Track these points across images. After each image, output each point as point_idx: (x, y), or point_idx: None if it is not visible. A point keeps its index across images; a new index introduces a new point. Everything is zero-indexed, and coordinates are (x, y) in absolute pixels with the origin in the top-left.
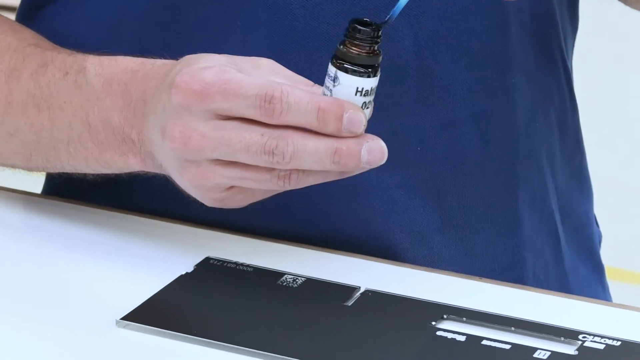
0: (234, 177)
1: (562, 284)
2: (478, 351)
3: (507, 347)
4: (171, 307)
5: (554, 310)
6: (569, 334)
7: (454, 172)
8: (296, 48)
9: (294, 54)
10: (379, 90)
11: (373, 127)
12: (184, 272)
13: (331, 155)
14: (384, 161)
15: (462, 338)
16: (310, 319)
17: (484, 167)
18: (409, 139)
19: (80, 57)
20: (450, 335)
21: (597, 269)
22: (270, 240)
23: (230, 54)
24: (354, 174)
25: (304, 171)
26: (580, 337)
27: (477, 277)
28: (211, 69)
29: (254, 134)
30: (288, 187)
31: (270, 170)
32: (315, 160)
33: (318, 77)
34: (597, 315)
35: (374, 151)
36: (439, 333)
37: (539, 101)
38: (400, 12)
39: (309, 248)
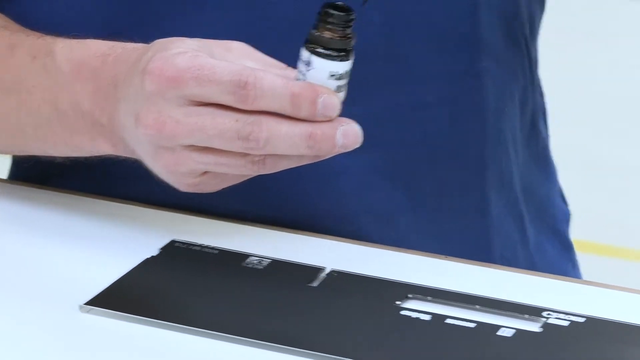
0: (209, 162)
1: (529, 264)
2: (442, 330)
3: (472, 325)
4: (136, 291)
5: (518, 287)
6: (533, 311)
7: (423, 155)
8: (268, 28)
9: (266, 35)
10: (356, 73)
11: (343, 109)
12: (149, 256)
13: (306, 139)
14: (359, 144)
15: (427, 317)
16: (276, 301)
17: (453, 150)
18: (379, 122)
19: (49, 40)
20: (414, 315)
21: (566, 247)
22: (235, 222)
23: (201, 34)
24: (328, 157)
25: (278, 155)
26: (544, 314)
27: (443, 256)
28: (184, 55)
29: (228, 120)
30: (262, 172)
31: (245, 155)
32: (290, 145)
33: (291, 58)
34: (562, 291)
35: (349, 135)
36: (403, 312)
37: (507, 83)
38: None
39: (274, 229)
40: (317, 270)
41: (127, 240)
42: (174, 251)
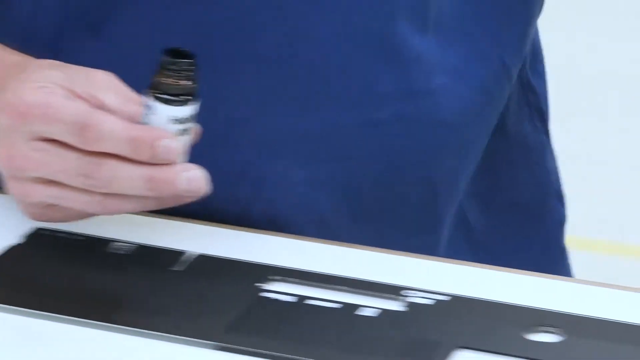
0: (54, 196)
1: None
2: (304, 310)
3: (335, 305)
4: (1, 279)
5: (382, 267)
6: (396, 291)
7: (373, 171)
8: (218, 23)
9: (216, 30)
10: (305, 86)
11: (295, 120)
12: (14, 243)
13: (146, 181)
14: (204, 190)
15: (288, 298)
16: (139, 286)
17: (406, 167)
18: (330, 136)
19: None
20: (275, 296)
21: (555, 251)
22: None
23: (150, 25)
24: (174, 204)
25: (121, 197)
26: (406, 292)
27: (305, 237)
28: (38, 92)
29: (71, 158)
30: (104, 213)
31: (89, 192)
32: (130, 186)
33: (236, 58)
34: (427, 271)
35: (193, 182)
36: (263, 294)
37: (470, 98)
38: (330, 10)
39: (139, 215)
40: (181, 254)
41: None
42: (39, 238)
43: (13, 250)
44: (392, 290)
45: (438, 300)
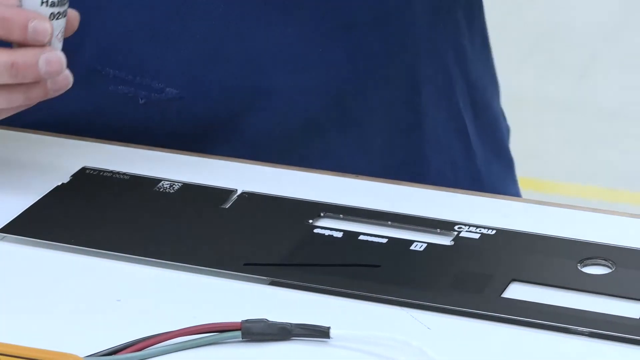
0: None
1: (474, 180)
2: (355, 246)
3: (384, 240)
4: (48, 217)
5: (431, 203)
6: (445, 226)
7: (355, 74)
8: None
9: None
10: None
11: (276, 27)
12: (60, 183)
13: (9, 68)
14: (62, 71)
15: (339, 234)
16: (188, 223)
17: (386, 70)
18: (310, 43)
19: None
20: (327, 232)
21: (509, 163)
22: (146, 148)
23: None
24: (42, 98)
25: None
26: (456, 227)
27: (354, 175)
28: None
29: None
30: None
31: None
32: None
33: None
34: (473, 206)
35: (52, 62)
36: (316, 230)
37: (442, 4)
38: None
39: (184, 154)
40: (228, 192)
41: (38, 168)
42: (85, 178)
43: (58, 190)
44: (444, 226)
45: (483, 234)
